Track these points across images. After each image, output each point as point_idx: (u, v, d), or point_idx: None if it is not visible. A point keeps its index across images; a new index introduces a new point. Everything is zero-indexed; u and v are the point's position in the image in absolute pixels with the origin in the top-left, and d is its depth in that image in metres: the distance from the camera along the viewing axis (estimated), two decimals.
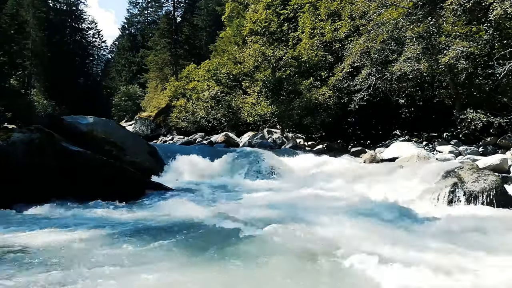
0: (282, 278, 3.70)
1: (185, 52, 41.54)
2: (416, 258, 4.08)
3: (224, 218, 5.88)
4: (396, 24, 13.61)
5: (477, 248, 4.47)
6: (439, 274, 3.66)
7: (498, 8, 10.77)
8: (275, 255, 4.24)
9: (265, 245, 4.58)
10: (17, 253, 4.20)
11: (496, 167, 9.49)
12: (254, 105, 19.53)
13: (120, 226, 5.38)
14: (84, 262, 3.98)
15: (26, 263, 3.93)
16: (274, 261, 4.08)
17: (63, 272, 3.70)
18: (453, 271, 3.74)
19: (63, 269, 3.79)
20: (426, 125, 14.72)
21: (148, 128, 33.83)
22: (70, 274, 3.66)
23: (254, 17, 21.11)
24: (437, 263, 3.92)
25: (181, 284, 3.55)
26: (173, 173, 10.80)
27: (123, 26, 59.34)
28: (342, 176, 9.95)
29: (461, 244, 4.64)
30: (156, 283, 3.54)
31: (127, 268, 3.86)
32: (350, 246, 4.48)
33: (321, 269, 3.88)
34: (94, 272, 3.71)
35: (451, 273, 3.70)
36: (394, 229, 5.47)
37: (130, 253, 4.28)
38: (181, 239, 4.80)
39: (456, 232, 5.33)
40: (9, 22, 23.67)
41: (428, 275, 3.64)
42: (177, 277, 3.67)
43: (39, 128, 7.45)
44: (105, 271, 3.74)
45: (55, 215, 6.08)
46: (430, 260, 4.00)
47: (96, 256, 4.18)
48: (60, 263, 3.96)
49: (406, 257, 4.11)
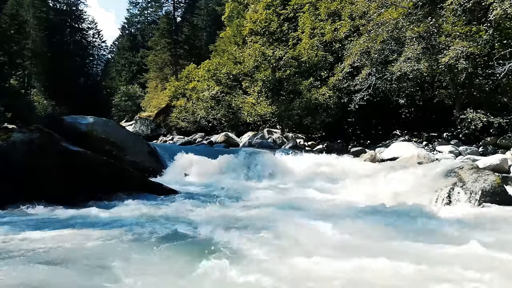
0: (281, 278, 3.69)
1: (185, 52, 41.56)
2: (416, 257, 4.08)
3: (224, 219, 5.88)
4: (396, 24, 13.62)
5: (477, 248, 4.46)
6: (439, 274, 3.66)
7: (498, 8, 10.77)
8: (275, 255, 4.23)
9: (265, 245, 4.57)
10: (16, 253, 4.20)
11: (496, 167, 9.49)
12: (254, 105, 19.53)
13: (120, 226, 5.38)
14: (84, 262, 3.97)
15: (25, 263, 3.93)
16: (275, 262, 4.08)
17: (63, 272, 3.69)
18: (453, 271, 3.74)
19: (63, 269, 3.79)
20: (426, 125, 14.73)
21: (148, 128, 33.84)
22: (70, 274, 3.66)
23: (254, 17, 21.12)
24: (437, 263, 3.92)
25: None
26: (173, 173, 10.80)
27: (123, 26, 59.41)
28: (342, 176, 9.96)
29: (461, 244, 4.63)
30: (155, 285, 3.54)
31: (127, 268, 3.86)
32: (351, 247, 4.48)
33: (322, 269, 3.88)
34: (94, 272, 3.71)
35: (451, 273, 3.70)
36: (394, 229, 5.47)
37: (130, 253, 4.28)
38: (181, 240, 4.80)
39: (456, 232, 5.33)
40: (9, 22, 23.68)
41: (428, 274, 3.64)
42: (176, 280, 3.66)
43: (39, 128, 7.45)
44: (105, 271, 3.74)
45: (55, 215, 6.08)
46: (430, 260, 4.00)
47: (96, 256, 4.17)
48: (60, 263, 3.96)
49: (406, 256, 4.11)
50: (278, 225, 5.42)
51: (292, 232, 5.08)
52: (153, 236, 4.91)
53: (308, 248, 4.48)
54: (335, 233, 5.07)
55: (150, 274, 3.68)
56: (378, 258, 3.95)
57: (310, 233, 5.10)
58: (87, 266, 3.88)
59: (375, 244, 4.67)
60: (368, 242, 4.72)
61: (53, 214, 6.14)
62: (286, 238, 4.85)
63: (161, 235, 4.96)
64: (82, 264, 3.94)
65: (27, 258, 4.07)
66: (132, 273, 3.71)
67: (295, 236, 4.94)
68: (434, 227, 5.63)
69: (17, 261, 3.98)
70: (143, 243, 4.64)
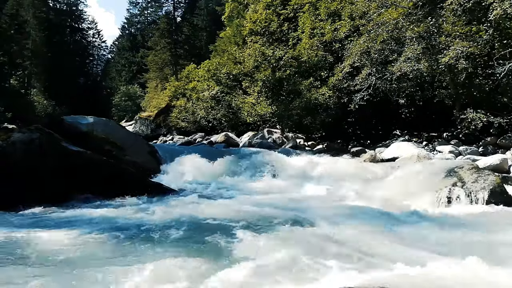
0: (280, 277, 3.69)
1: (185, 52, 41.56)
2: (416, 257, 4.08)
3: (224, 219, 5.87)
4: (396, 24, 13.60)
5: (477, 248, 4.47)
6: (439, 274, 3.65)
7: (498, 8, 10.76)
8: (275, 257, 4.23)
9: (265, 247, 4.57)
10: (16, 253, 4.20)
11: (496, 167, 9.48)
12: (254, 105, 19.52)
13: (120, 226, 5.38)
14: (83, 261, 3.98)
15: (25, 263, 3.93)
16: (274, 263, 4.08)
17: (63, 272, 3.69)
18: (453, 271, 3.74)
19: (63, 268, 3.79)
20: (426, 125, 14.72)
21: (148, 128, 33.83)
22: (69, 274, 3.66)
23: (254, 17, 21.11)
24: (437, 263, 3.91)
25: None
26: (173, 173, 10.79)
27: (123, 26, 59.39)
28: (342, 176, 9.96)
29: (461, 244, 4.64)
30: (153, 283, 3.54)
31: (127, 268, 3.86)
32: (350, 247, 4.48)
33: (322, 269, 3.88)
34: (94, 272, 3.71)
35: (451, 273, 3.70)
36: (394, 229, 5.47)
37: (130, 254, 4.28)
38: (181, 239, 4.80)
39: (456, 232, 5.33)
40: (9, 22, 23.65)
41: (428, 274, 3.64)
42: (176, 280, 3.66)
43: (39, 128, 7.45)
44: (105, 271, 3.74)
45: (54, 215, 6.08)
46: (430, 260, 4.00)
47: (96, 256, 4.17)
48: (60, 263, 3.96)
49: (406, 256, 4.11)
50: (279, 225, 5.42)
51: (292, 233, 5.08)
52: (153, 235, 4.92)
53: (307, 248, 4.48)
54: (335, 233, 5.07)
55: (150, 274, 3.68)
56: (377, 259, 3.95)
57: (310, 233, 5.10)
58: (87, 266, 3.88)
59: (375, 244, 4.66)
60: (368, 242, 4.71)
61: (53, 214, 6.14)
62: (286, 238, 4.85)
63: (161, 234, 4.97)
64: (82, 264, 3.94)
65: (28, 258, 4.07)
66: (132, 273, 3.71)
67: (295, 236, 4.94)
68: (434, 227, 5.63)
69: (17, 261, 3.99)
70: (143, 243, 4.64)
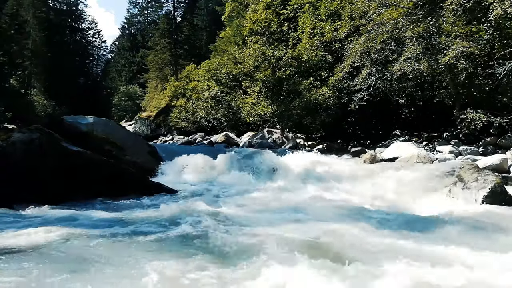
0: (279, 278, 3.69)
1: (185, 52, 41.58)
2: (416, 257, 4.08)
3: (224, 219, 5.87)
4: (396, 24, 13.61)
5: (477, 248, 4.47)
6: (439, 274, 3.66)
7: (498, 8, 10.76)
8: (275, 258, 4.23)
9: (264, 247, 4.57)
10: (17, 254, 4.20)
11: (496, 167, 9.48)
12: (254, 105, 19.52)
13: (120, 227, 5.38)
14: (83, 261, 3.97)
15: (25, 263, 3.93)
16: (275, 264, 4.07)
17: (63, 272, 3.69)
18: (453, 271, 3.74)
19: (63, 268, 3.79)
20: (426, 125, 14.72)
21: (148, 128, 33.85)
22: (69, 274, 3.66)
23: (254, 17, 21.11)
24: (436, 263, 3.92)
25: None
26: (173, 173, 10.80)
27: (123, 26, 59.41)
28: (342, 176, 9.96)
29: (461, 244, 4.64)
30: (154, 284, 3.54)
31: (127, 268, 3.86)
32: (350, 247, 4.48)
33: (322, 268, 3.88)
34: (94, 272, 3.71)
35: (451, 273, 3.70)
36: (394, 229, 5.47)
37: (130, 254, 4.28)
38: (181, 239, 4.80)
39: (456, 232, 5.33)
40: (9, 22, 23.65)
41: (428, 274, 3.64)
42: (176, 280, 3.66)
43: (39, 128, 7.45)
44: (105, 271, 3.74)
45: (55, 215, 6.07)
46: (430, 259, 4.00)
47: (96, 255, 4.17)
48: (60, 262, 3.96)
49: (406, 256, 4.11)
50: (278, 225, 5.42)
51: (293, 233, 5.08)
52: (153, 236, 4.91)
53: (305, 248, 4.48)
54: (335, 233, 5.07)
55: (150, 274, 3.68)
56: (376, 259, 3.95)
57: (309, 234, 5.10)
58: (87, 266, 3.88)
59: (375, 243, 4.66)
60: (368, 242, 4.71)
61: (53, 214, 6.13)
62: (286, 239, 4.85)
63: (161, 235, 4.96)
64: (82, 264, 3.94)
65: (27, 258, 4.07)
66: (132, 273, 3.71)
67: (295, 237, 4.94)
68: (433, 227, 5.63)
69: (16, 261, 3.98)
70: (143, 243, 4.64)
